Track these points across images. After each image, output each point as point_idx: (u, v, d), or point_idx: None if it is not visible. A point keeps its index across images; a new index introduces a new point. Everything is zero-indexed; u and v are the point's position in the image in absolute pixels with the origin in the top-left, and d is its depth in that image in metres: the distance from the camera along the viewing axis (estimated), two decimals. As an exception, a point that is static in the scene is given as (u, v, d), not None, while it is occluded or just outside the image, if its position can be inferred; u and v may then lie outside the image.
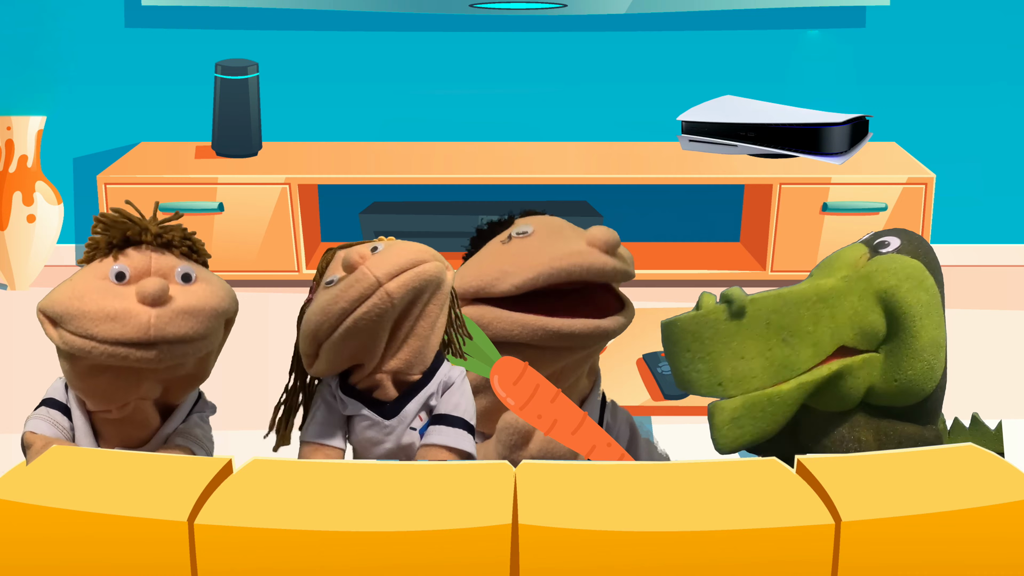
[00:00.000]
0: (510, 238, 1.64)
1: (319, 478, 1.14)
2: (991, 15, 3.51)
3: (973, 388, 2.70)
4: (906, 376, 1.44)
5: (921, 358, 1.44)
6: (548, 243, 1.61)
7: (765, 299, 1.44)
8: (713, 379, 1.45)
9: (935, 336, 1.44)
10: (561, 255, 1.57)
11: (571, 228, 1.66)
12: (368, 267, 1.43)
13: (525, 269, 1.57)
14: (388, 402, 1.52)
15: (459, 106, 3.59)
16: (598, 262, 1.57)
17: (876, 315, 1.44)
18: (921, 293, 1.44)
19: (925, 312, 1.43)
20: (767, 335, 1.44)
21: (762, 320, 1.43)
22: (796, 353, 1.44)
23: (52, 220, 3.44)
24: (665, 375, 2.11)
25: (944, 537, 1.08)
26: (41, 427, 1.52)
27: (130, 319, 1.40)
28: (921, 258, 1.47)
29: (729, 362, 1.44)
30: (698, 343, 1.45)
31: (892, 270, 1.44)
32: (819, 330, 1.44)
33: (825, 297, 1.44)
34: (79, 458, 1.18)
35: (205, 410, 1.62)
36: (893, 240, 1.49)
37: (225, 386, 1.79)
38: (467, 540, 1.05)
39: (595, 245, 1.58)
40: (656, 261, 3.48)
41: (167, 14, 3.50)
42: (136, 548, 1.07)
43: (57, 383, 1.57)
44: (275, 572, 1.06)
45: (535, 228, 1.64)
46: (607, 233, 1.58)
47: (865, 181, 3.31)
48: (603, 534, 1.06)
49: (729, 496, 1.11)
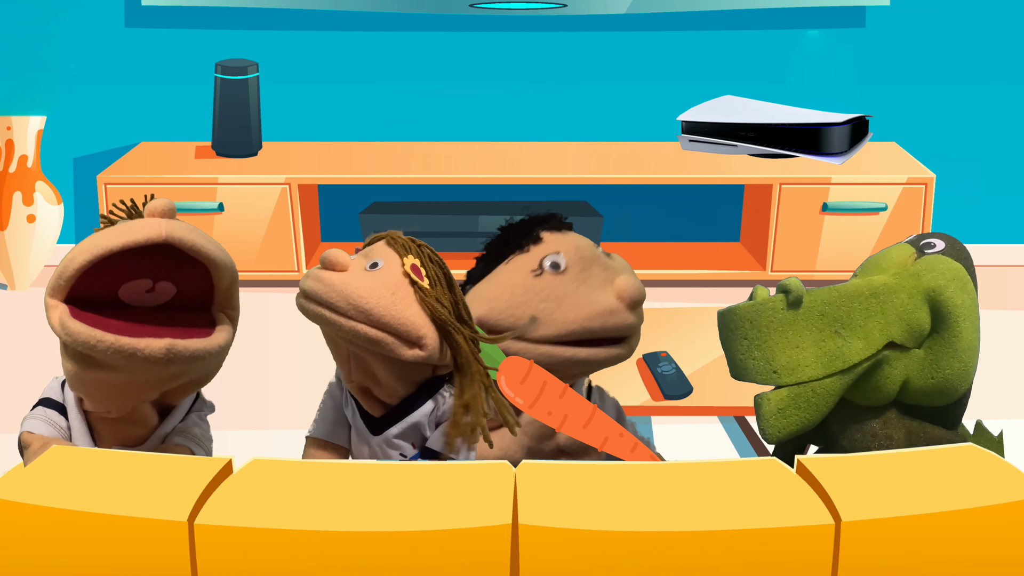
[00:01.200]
0: (541, 269, 1.62)
1: (319, 478, 1.14)
2: (991, 15, 3.51)
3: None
4: (943, 375, 1.48)
5: (960, 359, 1.48)
6: (580, 290, 1.61)
7: (820, 292, 1.49)
8: (768, 367, 1.49)
9: (974, 340, 1.48)
10: (593, 314, 1.59)
11: (598, 260, 1.65)
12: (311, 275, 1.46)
13: (559, 323, 1.59)
14: (375, 418, 1.51)
15: (459, 106, 3.59)
16: (625, 323, 1.61)
17: (923, 312, 1.48)
18: (965, 296, 1.48)
19: (967, 314, 1.47)
20: (821, 326, 1.48)
21: (817, 311, 1.48)
22: (848, 345, 1.48)
23: (52, 220, 3.43)
24: (665, 375, 2.11)
25: (944, 537, 1.08)
26: (38, 427, 1.51)
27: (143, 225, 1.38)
28: (963, 263, 1.52)
29: (784, 351, 1.48)
30: (755, 331, 1.49)
31: (940, 270, 1.48)
32: (870, 324, 1.48)
33: (877, 292, 1.48)
34: (79, 458, 1.18)
35: (203, 409, 1.62)
36: (938, 242, 1.54)
37: (225, 386, 1.79)
38: (467, 540, 1.05)
39: (623, 301, 1.61)
40: (656, 261, 3.48)
41: (167, 14, 3.50)
42: (136, 548, 1.07)
43: (53, 383, 1.57)
44: (275, 572, 1.06)
45: (567, 261, 1.62)
46: (635, 289, 1.62)
47: (865, 181, 3.31)
48: (603, 534, 1.06)
49: (729, 496, 1.11)
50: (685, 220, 3.65)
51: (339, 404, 1.56)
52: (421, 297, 1.42)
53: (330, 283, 1.41)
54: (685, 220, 3.65)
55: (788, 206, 3.32)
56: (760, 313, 1.49)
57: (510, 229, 1.68)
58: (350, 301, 1.39)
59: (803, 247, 3.35)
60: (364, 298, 1.39)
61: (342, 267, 1.43)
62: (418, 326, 1.40)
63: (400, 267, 1.44)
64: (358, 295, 1.39)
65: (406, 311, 1.40)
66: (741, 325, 1.50)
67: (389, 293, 1.41)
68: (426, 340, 1.41)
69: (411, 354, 1.41)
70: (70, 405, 1.53)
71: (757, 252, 3.47)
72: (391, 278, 1.42)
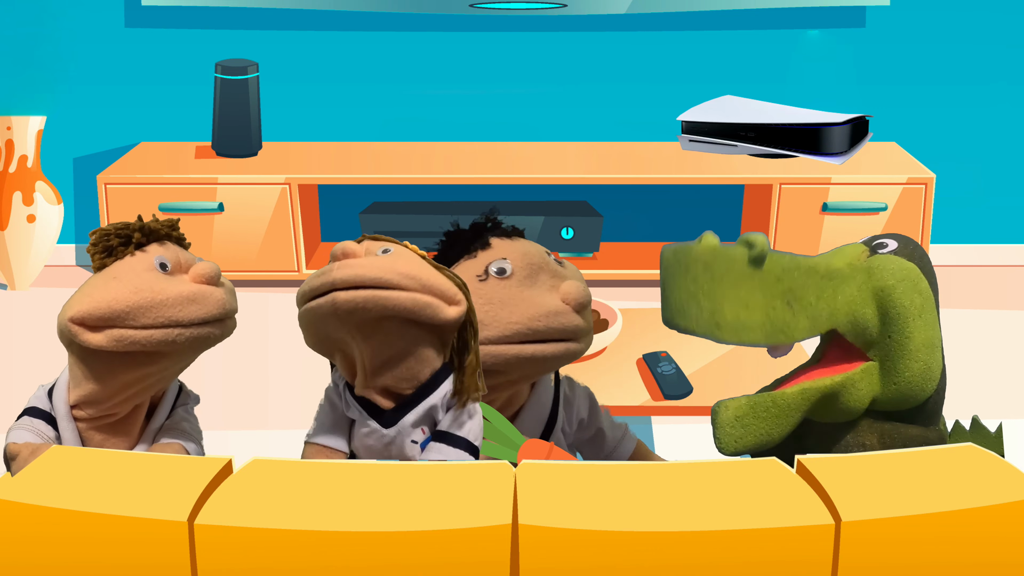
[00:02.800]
0: (486, 274, 1.60)
1: (319, 478, 1.14)
2: (991, 15, 3.51)
3: (973, 388, 2.70)
4: (904, 378, 1.45)
5: (917, 358, 1.44)
6: (524, 294, 1.59)
7: (782, 256, 1.44)
8: (712, 319, 1.44)
9: (928, 336, 1.45)
10: (537, 315, 1.57)
11: (547, 267, 1.63)
12: (338, 267, 1.44)
13: (502, 325, 1.56)
14: (387, 411, 1.51)
15: (459, 106, 3.59)
16: (570, 324, 1.58)
17: (870, 310, 1.45)
18: (915, 295, 1.45)
19: (918, 313, 1.44)
20: (775, 292, 1.43)
21: (774, 275, 1.43)
22: (795, 320, 1.43)
23: (52, 220, 3.44)
24: (665, 375, 2.11)
25: (944, 537, 1.08)
26: (24, 437, 1.50)
27: (207, 298, 1.48)
28: (916, 261, 1.49)
29: (732, 306, 1.43)
30: (707, 276, 1.43)
31: (890, 270, 1.45)
32: (819, 305, 1.44)
33: (832, 276, 1.45)
34: (79, 458, 1.18)
35: (188, 401, 1.62)
36: (890, 242, 1.51)
37: (225, 386, 1.79)
38: (467, 540, 1.05)
39: (569, 303, 1.59)
40: (656, 261, 3.48)
41: (167, 14, 3.50)
42: (136, 548, 1.07)
43: (39, 392, 1.55)
44: (275, 572, 1.06)
45: (513, 267, 1.61)
46: (580, 292, 1.60)
47: (865, 181, 3.31)
48: (603, 534, 1.06)
49: (729, 496, 1.11)
50: (685, 220, 3.65)
51: (337, 406, 1.56)
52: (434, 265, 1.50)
53: (368, 265, 1.44)
54: (685, 220, 3.65)
55: (788, 206, 3.32)
56: (717, 259, 1.43)
57: (459, 234, 1.66)
58: (400, 272, 1.43)
59: (803, 247, 3.34)
60: (409, 264, 1.44)
61: (361, 254, 1.47)
62: (450, 285, 1.47)
63: (404, 247, 1.51)
64: (402, 264, 1.44)
65: (438, 274, 1.47)
66: (693, 266, 1.44)
67: (418, 263, 1.47)
68: (459, 296, 1.47)
69: (454, 312, 1.46)
70: (60, 415, 1.51)
71: (757, 252, 3.47)
72: (407, 253, 1.48)
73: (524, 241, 1.65)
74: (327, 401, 1.58)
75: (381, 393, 1.51)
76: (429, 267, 1.48)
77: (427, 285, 1.44)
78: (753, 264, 1.43)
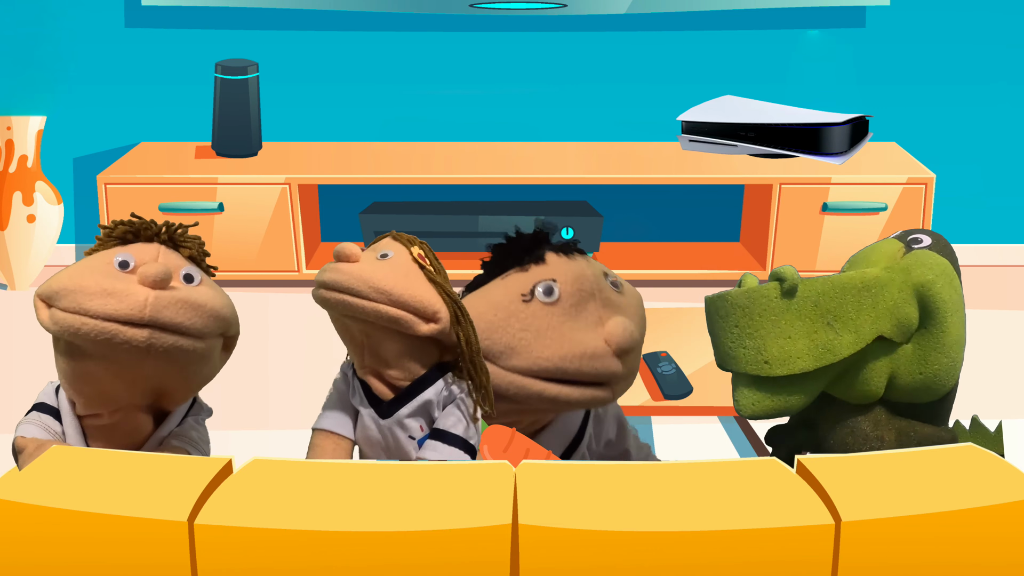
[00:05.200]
0: (532, 295, 1.53)
1: (319, 478, 1.14)
2: (991, 15, 3.51)
3: (973, 388, 2.70)
4: (931, 370, 1.47)
5: (947, 354, 1.47)
6: (564, 327, 1.52)
7: (814, 282, 1.47)
8: (760, 357, 1.46)
9: (960, 335, 1.47)
10: (570, 355, 1.51)
11: (599, 294, 1.56)
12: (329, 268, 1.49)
13: (531, 358, 1.51)
14: (384, 401, 1.53)
15: (459, 106, 3.59)
16: (607, 369, 1.53)
17: (912, 308, 1.47)
18: (952, 291, 1.47)
19: (954, 309, 1.47)
20: (814, 317, 1.46)
21: (811, 301, 1.46)
22: (839, 338, 1.46)
23: (52, 220, 3.44)
24: (665, 375, 2.11)
25: (944, 537, 1.08)
26: (32, 432, 1.51)
27: (127, 296, 1.40)
28: (948, 258, 1.51)
29: (776, 340, 1.46)
30: (747, 318, 1.46)
31: (929, 265, 1.47)
32: (861, 318, 1.46)
33: (869, 286, 1.47)
34: (79, 458, 1.18)
35: (200, 413, 1.62)
36: (925, 238, 1.53)
37: (225, 386, 1.79)
38: (467, 540, 1.05)
39: (610, 345, 1.52)
40: (656, 261, 3.48)
41: (167, 14, 3.50)
42: (136, 548, 1.07)
43: (48, 388, 1.56)
44: (275, 572, 1.06)
45: (561, 291, 1.54)
46: (625, 335, 1.52)
47: (865, 181, 3.31)
48: (603, 534, 1.06)
49: (729, 496, 1.11)
50: (685, 220, 3.65)
51: (344, 395, 1.58)
52: (431, 277, 1.51)
53: (348, 271, 1.48)
54: (685, 220, 3.65)
55: (788, 206, 3.32)
56: (753, 301, 1.46)
57: (516, 241, 1.58)
58: (370, 284, 1.47)
59: (803, 247, 3.35)
60: (382, 279, 1.47)
61: (356, 258, 1.50)
62: (432, 302, 1.48)
63: (408, 255, 1.52)
64: (376, 278, 1.47)
65: (420, 289, 1.49)
66: (732, 312, 1.47)
67: (403, 275, 1.49)
68: (440, 315, 1.49)
69: (428, 329, 1.48)
70: (64, 411, 1.52)
71: (757, 252, 3.47)
72: (403, 263, 1.51)
73: (582, 261, 1.58)
74: (334, 389, 1.60)
75: (379, 379, 1.53)
76: (415, 281, 1.48)
77: (398, 300, 1.46)
78: (787, 296, 1.46)
